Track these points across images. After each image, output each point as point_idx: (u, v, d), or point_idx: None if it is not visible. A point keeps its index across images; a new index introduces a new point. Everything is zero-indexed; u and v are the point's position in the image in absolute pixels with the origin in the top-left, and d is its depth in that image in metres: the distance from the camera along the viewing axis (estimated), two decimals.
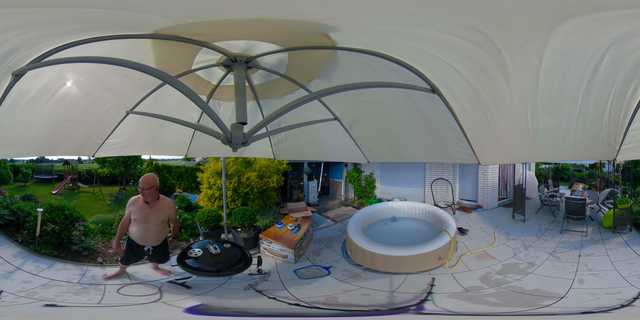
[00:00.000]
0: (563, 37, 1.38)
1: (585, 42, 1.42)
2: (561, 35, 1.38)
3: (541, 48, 1.46)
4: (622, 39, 1.38)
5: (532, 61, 1.55)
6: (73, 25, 1.45)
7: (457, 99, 1.99)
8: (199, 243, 5.28)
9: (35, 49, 1.56)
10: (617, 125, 1.86)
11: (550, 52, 1.48)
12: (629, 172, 11.07)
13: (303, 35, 1.70)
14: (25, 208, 6.96)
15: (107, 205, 10.73)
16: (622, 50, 1.43)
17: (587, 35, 1.38)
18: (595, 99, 1.72)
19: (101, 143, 3.04)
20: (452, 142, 2.42)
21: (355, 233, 6.96)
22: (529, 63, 1.56)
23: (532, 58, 1.53)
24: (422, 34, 1.52)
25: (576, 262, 6.17)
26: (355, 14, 1.43)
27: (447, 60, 1.69)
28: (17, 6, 1.20)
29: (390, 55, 1.78)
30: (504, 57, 1.54)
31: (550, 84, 1.68)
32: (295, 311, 4.83)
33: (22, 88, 1.88)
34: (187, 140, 3.72)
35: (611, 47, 1.42)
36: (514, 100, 1.83)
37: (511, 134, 2.13)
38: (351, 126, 2.99)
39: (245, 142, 1.82)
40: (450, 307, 4.81)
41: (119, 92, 2.41)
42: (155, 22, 1.48)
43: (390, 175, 11.14)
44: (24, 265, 5.85)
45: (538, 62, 1.55)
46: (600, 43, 1.41)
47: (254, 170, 8.81)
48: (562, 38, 1.39)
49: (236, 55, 1.99)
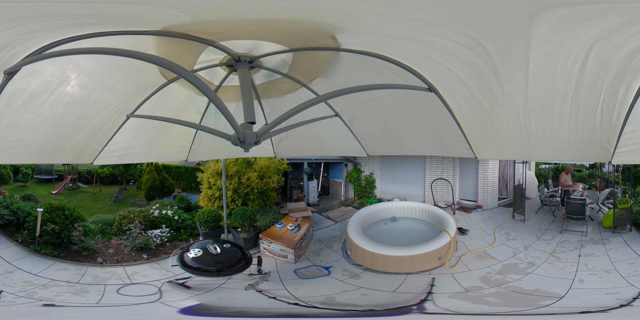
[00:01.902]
0: (542, 37, 1.41)
1: (567, 42, 1.44)
2: (540, 36, 1.41)
3: (525, 50, 1.50)
4: (603, 37, 1.38)
5: (519, 63, 1.59)
6: (68, 20, 1.39)
7: (453, 98, 2.04)
8: (199, 243, 5.29)
9: (26, 45, 1.48)
10: (611, 127, 1.86)
11: (535, 53, 1.51)
12: (629, 172, 11.08)
13: (310, 36, 1.71)
14: (25, 208, 6.96)
15: (107, 205, 10.73)
16: (607, 48, 1.44)
17: (565, 34, 1.40)
18: (585, 99, 1.73)
19: (100, 150, 2.93)
20: (450, 137, 2.48)
21: (355, 233, 6.96)
22: (516, 64, 1.60)
23: (519, 60, 1.57)
24: (419, 37, 1.57)
25: (576, 262, 6.18)
26: (364, 18, 1.46)
27: (443, 62, 1.74)
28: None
29: (391, 57, 1.82)
30: (493, 59, 1.59)
31: (539, 85, 1.72)
32: (295, 311, 4.83)
33: (17, 87, 1.79)
34: (188, 145, 3.64)
35: (594, 45, 1.43)
36: (506, 100, 1.88)
37: (505, 131, 2.18)
38: (352, 122, 3.04)
39: (257, 142, 1.82)
40: (451, 307, 4.81)
41: (119, 94, 2.35)
42: (167, 18, 1.44)
43: (390, 175, 11.15)
44: (23, 265, 5.85)
45: (525, 64, 1.59)
46: (582, 42, 1.43)
47: (254, 170, 8.82)
48: (542, 39, 1.42)
49: (240, 55, 1.99)
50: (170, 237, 7.55)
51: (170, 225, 7.81)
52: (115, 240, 7.24)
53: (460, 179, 10.44)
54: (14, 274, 5.53)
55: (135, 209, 7.97)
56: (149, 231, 7.36)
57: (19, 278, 5.42)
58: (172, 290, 5.40)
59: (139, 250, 6.90)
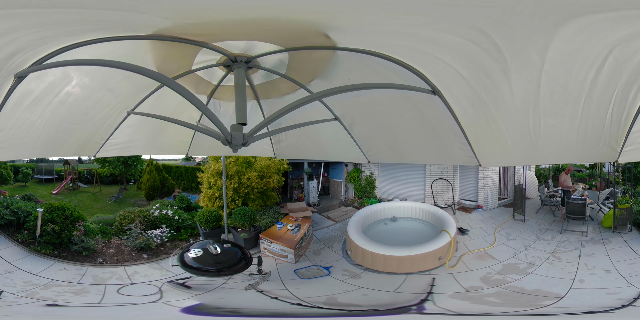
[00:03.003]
0: (567, 37, 1.36)
1: (590, 43, 1.39)
2: (566, 35, 1.35)
3: (544, 48, 1.43)
4: (625, 40, 1.36)
5: (534, 62, 1.52)
6: (74, 26, 1.44)
7: (457, 101, 1.96)
8: (199, 243, 5.29)
9: (37, 50, 1.56)
10: (619, 128, 1.83)
11: (553, 52, 1.45)
12: (629, 172, 11.07)
13: (302, 35, 1.69)
14: (25, 208, 6.97)
15: (108, 205, 10.74)
16: (625, 52, 1.41)
17: (592, 35, 1.35)
18: (598, 101, 1.69)
19: (102, 143, 3.05)
20: (453, 144, 2.39)
21: (355, 233, 6.96)
22: (530, 64, 1.54)
23: (534, 58, 1.50)
24: (423, 34, 1.50)
25: (576, 262, 6.17)
26: (355, 14, 1.42)
27: (448, 61, 1.67)
28: (18, 7, 1.20)
29: (391, 55, 1.77)
30: (505, 57, 1.51)
31: (552, 86, 1.65)
32: (295, 311, 4.83)
33: (25, 90, 1.88)
34: (188, 140, 3.74)
35: (615, 48, 1.40)
36: (515, 102, 1.80)
37: (512, 136, 2.10)
38: (352, 126, 2.98)
39: (245, 143, 1.82)
40: (451, 307, 4.81)
41: (120, 93, 2.42)
42: (155, 23, 1.47)
43: (390, 175, 11.15)
44: (24, 265, 5.86)
45: (540, 63, 1.52)
46: (604, 44, 1.39)
47: (255, 170, 8.82)
48: (567, 38, 1.36)
49: (236, 56, 1.99)
50: (171, 237, 7.56)
51: (171, 225, 7.81)
52: (116, 240, 7.24)
53: (461, 179, 10.44)
54: (14, 274, 5.53)
55: (136, 209, 7.98)
56: (149, 231, 7.37)
57: (19, 278, 5.42)
58: (173, 290, 5.40)
59: (139, 250, 6.90)
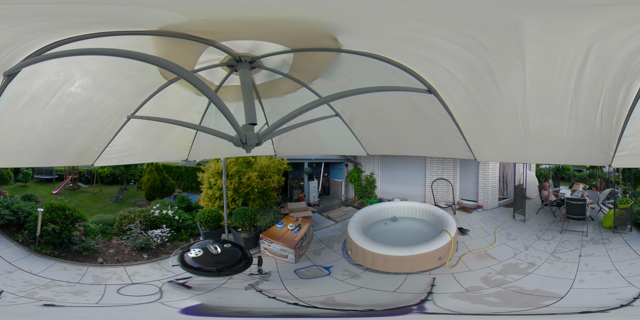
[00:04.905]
0: (534, 37, 1.36)
1: (562, 42, 1.39)
2: (532, 35, 1.36)
3: (519, 50, 1.46)
4: (601, 37, 1.33)
5: (515, 64, 1.55)
6: (69, 19, 1.36)
7: (453, 101, 2.03)
8: (199, 243, 5.29)
9: (28, 45, 1.45)
10: (611, 130, 1.83)
11: (531, 54, 1.47)
12: (630, 172, 11.07)
13: (311, 37, 1.70)
14: (25, 208, 6.97)
15: (108, 205, 10.73)
16: (606, 49, 1.39)
17: (559, 34, 1.35)
18: (585, 101, 1.70)
19: (101, 151, 2.91)
20: (449, 138, 2.47)
21: (355, 233, 6.96)
22: (513, 66, 1.57)
23: (515, 61, 1.53)
24: (421, 39, 1.55)
25: (576, 262, 6.17)
26: (367, 18, 1.43)
27: (443, 65, 1.72)
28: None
29: (391, 58, 1.82)
30: (489, 60, 1.57)
31: (537, 87, 1.69)
32: (295, 311, 4.83)
33: (18, 89, 1.75)
34: (188, 144, 3.65)
35: (592, 46, 1.38)
36: (504, 103, 1.85)
37: (504, 134, 2.17)
38: (352, 122, 3.05)
39: (259, 143, 1.81)
40: (451, 307, 4.81)
41: (120, 95, 2.34)
42: (163, 18, 1.42)
43: (390, 175, 11.15)
44: (24, 265, 5.86)
45: (521, 65, 1.55)
46: (578, 42, 1.37)
47: (255, 170, 8.81)
48: (535, 38, 1.37)
49: (241, 55, 1.98)
50: (171, 237, 7.56)
51: (171, 225, 7.81)
52: (116, 240, 7.24)
53: (461, 179, 10.44)
54: (14, 274, 5.53)
55: (136, 209, 7.98)
56: (149, 231, 7.37)
57: (19, 278, 5.42)
58: (173, 290, 5.40)
59: (139, 250, 6.90)
